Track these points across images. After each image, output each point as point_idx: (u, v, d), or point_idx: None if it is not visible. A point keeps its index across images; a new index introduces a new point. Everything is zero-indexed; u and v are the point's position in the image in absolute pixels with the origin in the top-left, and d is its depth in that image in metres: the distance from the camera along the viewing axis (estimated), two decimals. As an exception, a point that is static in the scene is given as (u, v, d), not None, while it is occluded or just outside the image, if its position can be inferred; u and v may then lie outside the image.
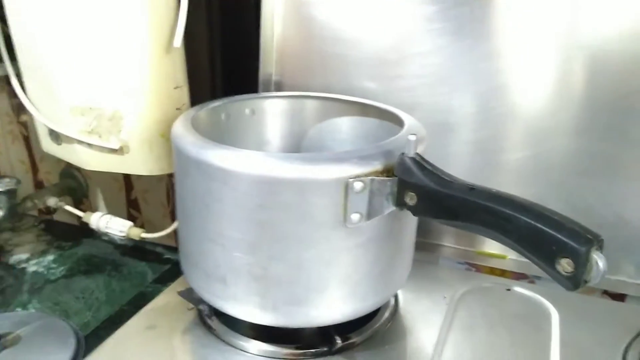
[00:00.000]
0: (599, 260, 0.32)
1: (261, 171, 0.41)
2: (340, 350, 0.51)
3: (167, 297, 0.63)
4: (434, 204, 0.39)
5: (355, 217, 0.42)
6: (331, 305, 0.47)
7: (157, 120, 0.66)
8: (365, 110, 0.59)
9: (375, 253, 0.46)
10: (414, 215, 0.42)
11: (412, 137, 0.41)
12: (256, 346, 0.52)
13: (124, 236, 0.77)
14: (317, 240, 0.43)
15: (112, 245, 0.86)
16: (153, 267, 0.80)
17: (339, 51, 0.64)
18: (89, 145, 0.69)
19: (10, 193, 0.82)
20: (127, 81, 0.64)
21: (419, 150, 0.43)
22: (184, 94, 0.69)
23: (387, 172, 0.42)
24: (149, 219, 0.90)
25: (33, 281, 0.77)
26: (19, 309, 0.70)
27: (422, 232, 0.56)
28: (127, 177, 0.90)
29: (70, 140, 0.70)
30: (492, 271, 0.69)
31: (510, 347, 0.52)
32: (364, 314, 0.50)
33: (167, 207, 0.88)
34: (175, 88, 0.67)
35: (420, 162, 0.41)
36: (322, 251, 0.44)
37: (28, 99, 0.70)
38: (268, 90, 0.70)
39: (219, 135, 0.55)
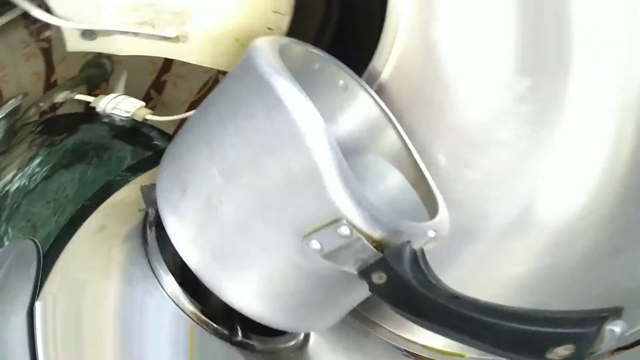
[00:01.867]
0: (614, 328, 0.29)
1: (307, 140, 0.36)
2: (239, 343, 0.47)
3: (130, 190, 0.56)
4: (403, 295, 0.35)
5: (315, 245, 0.37)
6: (245, 291, 0.43)
7: (238, 26, 0.59)
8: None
9: (308, 285, 0.41)
10: (371, 292, 0.37)
11: (432, 234, 0.38)
12: (170, 284, 0.47)
13: (128, 116, 0.69)
14: (277, 223, 0.39)
15: (108, 128, 0.75)
16: (135, 153, 0.71)
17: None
18: (135, 34, 0.62)
19: (11, 114, 0.74)
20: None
21: (427, 247, 0.39)
22: (282, 21, 0.60)
23: (378, 245, 0.36)
24: (167, 102, 0.82)
25: (13, 202, 0.67)
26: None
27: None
28: (168, 60, 0.82)
29: (110, 33, 0.63)
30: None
31: None
32: (268, 325, 0.45)
33: (194, 96, 0.79)
34: (274, 12, 0.60)
35: (417, 258, 0.36)
36: (268, 234, 0.39)
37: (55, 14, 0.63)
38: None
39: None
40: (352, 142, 0.52)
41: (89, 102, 0.73)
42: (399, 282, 0.35)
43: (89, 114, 0.72)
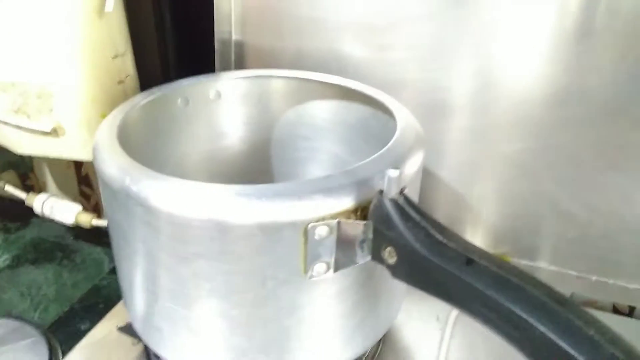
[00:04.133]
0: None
1: (187, 211, 0.30)
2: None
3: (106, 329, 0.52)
4: (419, 272, 0.29)
5: (319, 268, 0.32)
6: None
7: (95, 98, 0.55)
8: (348, 94, 0.47)
9: (352, 303, 0.36)
10: (393, 277, 0.31)
11: (394, 173, 0.29)
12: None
13: (72, 223, 0.68)
14: (266, 297, 0.33)
15: (64, 227, 0.75)
16: (111, 254, 0.71)
17: (316, 14, 0.51)
18: (18, 126, 0.57)
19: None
20: (54, 52, 0.52)
21: (409, 184, 0.33)
22: (126, 64, 0.57)
23: (362, 211, 0.31)
24: None
25: None
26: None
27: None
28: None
29: None
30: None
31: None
32: None
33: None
34: (114, 57, 0.55)
35: (404, 209, 0.29)
36: (277, 309, 0.33)
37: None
38: (227, 52, 0.57)
39: (169, 126, 0.45)
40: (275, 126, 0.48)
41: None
42: (405, 251, 0.28)
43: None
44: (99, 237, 0.73)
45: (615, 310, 0.57)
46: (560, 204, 0.51)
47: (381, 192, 0.30)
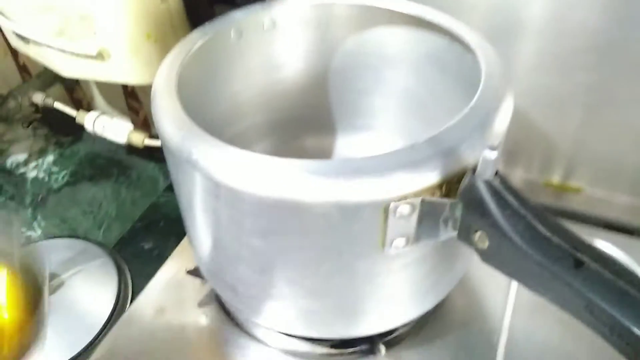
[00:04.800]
0: None
1: (257, 189, 0.28)
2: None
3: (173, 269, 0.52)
4: (515, 264, 0.26)
5: (398, 242, 0.30)
6: (373, 322, 0.37)
7: (139, 19, 0.51)
8: (420, 23, 0.41)
9: (428, 268, 0.34)
10: (482, 261, 0.28)
11: (491, 155, 0.25)
12: (283, 343, 0.43)
13: (124, 142, 0.67)
14: (341, 269, 0.32)
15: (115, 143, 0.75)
16: (165, 170, 0.71)
17: None
18: (62, 50, 0.54)
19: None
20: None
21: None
22: None
23: (448, 185, 0.28)
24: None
25: (35, 191, 0.69)
26: (23, 229, 0.64)
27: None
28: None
29: (38, 43, 0.55)
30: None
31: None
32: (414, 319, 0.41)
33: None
34: None
35: (501, 193, 0.26)
36: (352, 278, 0.32)
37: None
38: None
39: (226, 63, 0.41)
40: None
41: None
42: (502, 241, 0.26)
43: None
44: (152, 152, 0.72)
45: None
46: None
47: (474, 170, 0.27)
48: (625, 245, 0.46)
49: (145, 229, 0.64)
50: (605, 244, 0.47)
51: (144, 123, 0.74)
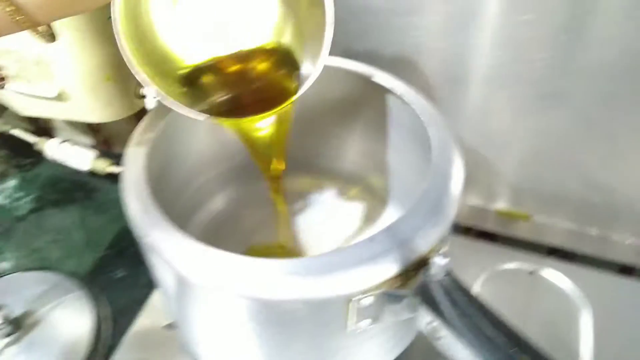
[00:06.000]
0: None
1: (228, 286, 0.30)
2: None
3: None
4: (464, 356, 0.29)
5: (364, 323, 0.32)
6: None
7: (97, 64, 0.50)
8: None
9: (392, 332, 0.37)
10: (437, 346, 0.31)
11: (442, 261, 0.28)
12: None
13: (87, 170, 0.66)
14: (310, 347, 0.34)
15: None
16: None
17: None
18: (19, 92, 0.54)
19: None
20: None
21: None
22: None
23: (406, 277, 0.30)
24: (114, 132, 0.76)
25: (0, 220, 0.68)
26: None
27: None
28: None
29: None
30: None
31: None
32: None
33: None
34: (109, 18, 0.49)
35: (452, 294, 0.29)
36: (327, 352, 0.35)
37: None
38: None
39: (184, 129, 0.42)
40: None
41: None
42: (455, 333, 0.29)
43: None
44: (115, 175, 0.72)
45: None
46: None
47: (426, 273, 0.30)
48: (570, 272, 0.51)
49: (116, 256, 0.64)
50: (552, 272, 0.51)
51: (105, 143, 0.74)
